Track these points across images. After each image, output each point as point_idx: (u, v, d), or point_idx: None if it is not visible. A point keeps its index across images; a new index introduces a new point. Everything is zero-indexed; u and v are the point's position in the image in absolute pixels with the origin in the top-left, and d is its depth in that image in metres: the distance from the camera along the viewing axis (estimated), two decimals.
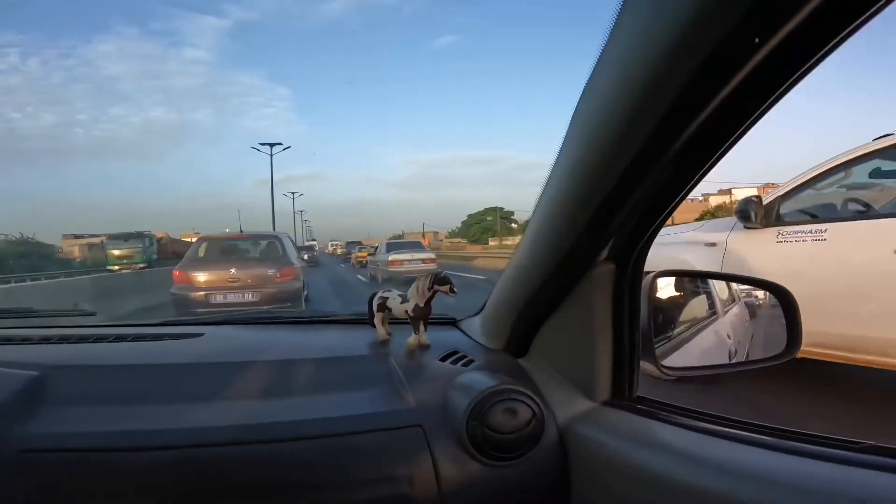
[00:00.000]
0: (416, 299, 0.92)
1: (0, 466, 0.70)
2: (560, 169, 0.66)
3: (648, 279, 0.82)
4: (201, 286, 6.42)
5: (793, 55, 0.40)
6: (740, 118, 0.48)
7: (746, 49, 0.40)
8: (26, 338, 1.05)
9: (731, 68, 0.42)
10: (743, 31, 0.38)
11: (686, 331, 1.00)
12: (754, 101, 0.45)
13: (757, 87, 0.44)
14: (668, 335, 0.91)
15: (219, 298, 6.37)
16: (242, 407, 0.80)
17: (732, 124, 0.49)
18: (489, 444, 0.71)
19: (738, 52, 0.40)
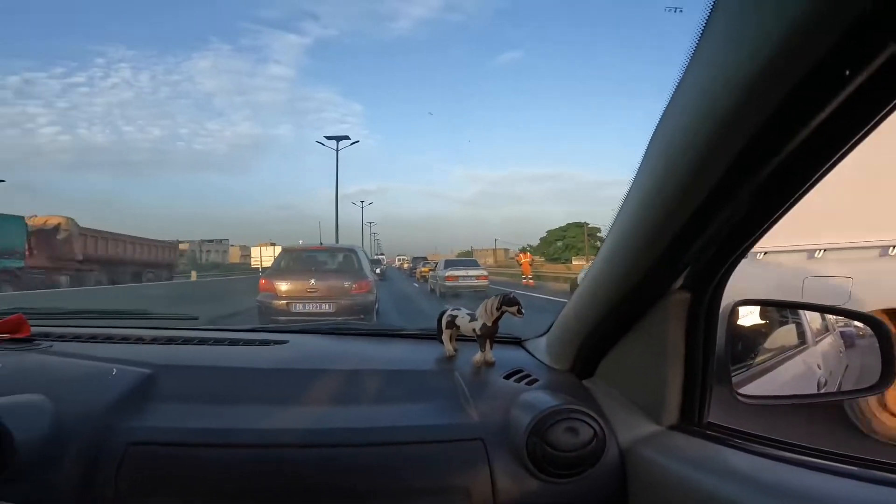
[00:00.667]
0: (484, 319, 0.95)
1: (110, 457, 0.76)
2: (635, 195, 0.65)
3: (728, 307, 0.82)
4: (283, 295, 6.81)
5: (881, 90, 0.39)
6: (828, 152, 0.46)
7: (834, 82, 0.39)
8: (140, 337, 1.15)
9: (817, 102, 0.41)
10: (830, 64, 0.37)
11: (770, 359, 0.97)
12: (843, 133, 0.44)
13: (846, 119, 0.42)
14: (748, 363, 0.88)
15: (298, 307, 6.75)
16: (319, 411, 0.85)
17: (819, 159, 0.47)
18: (548, 461, 0.73)
19: (824, 85, 0.39)
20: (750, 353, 0.91)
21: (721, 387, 0.77)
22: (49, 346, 1.05)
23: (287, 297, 6.82)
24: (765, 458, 0.63)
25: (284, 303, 6.78)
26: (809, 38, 0.37)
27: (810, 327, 1.08)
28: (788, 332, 1.06)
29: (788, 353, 1.03)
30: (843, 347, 1.07)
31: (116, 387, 0.86)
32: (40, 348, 1.04)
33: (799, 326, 1.07)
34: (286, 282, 6.90)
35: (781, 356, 1.01)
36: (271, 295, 6.82)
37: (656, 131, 0.58)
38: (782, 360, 1.00)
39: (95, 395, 0.83)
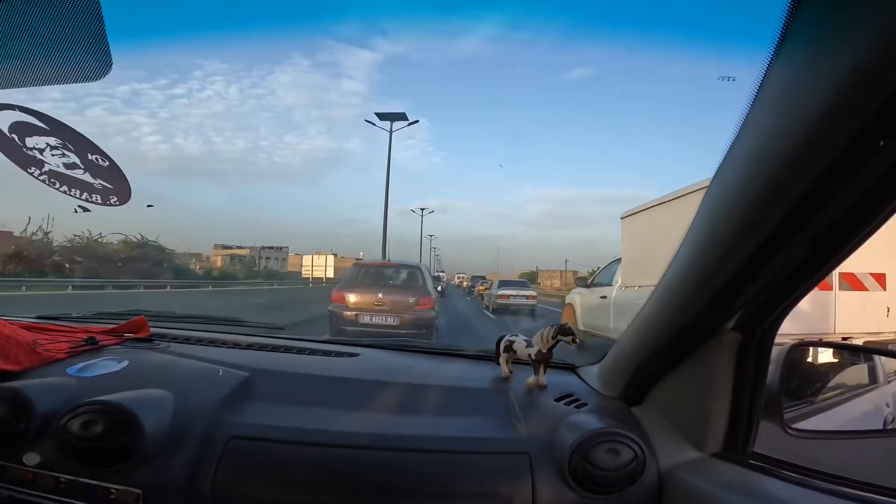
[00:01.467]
0: (539, 345, 1.01)
1: (214, 449, 0.84)
2: (692, 238, 0.67)
3: (786, 346, 0.88)
4: (353, 306, 7.19)
5: None
6: (881, 203, 0.48)
7: (869, 151, 0.42)
8: (237, 343, 1.27)
9: (855, 168, 0.44)
10: (872, 131, 0.40)
11: (834, 396, 1.00)
12: (883, 193, 0.46)
13: (886, 181, 0.45)
14: (807, 399, 0.92)
15: (366, 319, 7.10)
16: (385, 419, 0.93)
17: (872, 208, 0.48)
18: (587, 478, 0.78)
19: (861, 154, 0.42)
20: (809, 391, 0.95)
21: (771, 420, 0.80)
22: (167, 347, 1.19)
23: (356, 308, 7.18)
24: (809, 489, 0.64)
25: (353, 314, 7.14)
26: (851, 105, 0.40)
27: (883, 368, 1.09)
28: (859, 370, 1.07)
29: (855, 391, 1.05)
30: None
31: (223, 386, 0.97)
32: (159, 348, 1.18)
33: (871, 366, 1.09)
34: (356, 294, 7.28)
35: (847, 394, 1.03)
36: (342, 306, 7.21)
37: (712, 183, 0.61)
38: (847, 398, 1.02)
39: (207, 393, 0.94)
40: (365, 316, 7.11)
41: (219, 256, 44.82)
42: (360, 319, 7.10)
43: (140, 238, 23.06)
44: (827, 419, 0.95)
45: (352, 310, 7.15)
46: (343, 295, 7.28)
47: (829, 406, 0.97)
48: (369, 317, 7.11)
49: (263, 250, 65.38)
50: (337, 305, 7.24)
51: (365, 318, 7.10)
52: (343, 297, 7.26)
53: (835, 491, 0.63)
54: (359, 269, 8.18)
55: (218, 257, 44.42)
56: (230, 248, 51.51)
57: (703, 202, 0.64)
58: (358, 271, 8.09)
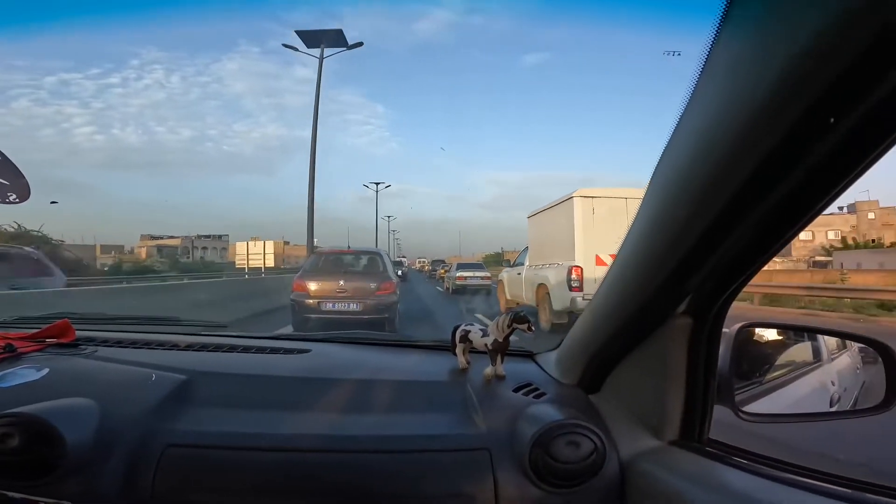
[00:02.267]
0: (495, 334, 0.99)
1: (149, 458, 0.81)
2: (641, 221, 0.67)
3: (735, 328, 0.86)
4: (314, 294, 7.31)
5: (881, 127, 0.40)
6: (823, 188, 0.47)
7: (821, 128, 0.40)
8: (175, 344, 1.21)
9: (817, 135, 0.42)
10: (818, 111, 0.39)
11: (781, 377, 1.00)
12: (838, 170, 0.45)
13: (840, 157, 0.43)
14: (756, 381, 0.92)
15: (328, 306, 7.26)
16: (337, 419, 0.90)
17: (815, 194, 0.48)
18: (549, 472, 0.77)
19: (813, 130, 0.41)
20: (758, 372, 0.94)
21: (724, 404, 0.79)
22: (94, 351, 1.12)
23: (318, 296, 7.30)
24: (760, 477, 0.65)
25: (315, 301, 7.28)
26: (802, 81, 0.39)
27: (826, 346, 1.10)
28: (803, 349, 1.08)
29: (801, 370, 1.05)
30: (860, 363, 1.08)
31: (157, 391, 0.92)
32: (85, 353, 1.11)
33: (815, 345, 1.09)
34: (317, 282, 7.39)
35: (793, 374, 1.03)
36: (304, 294, 7.33)
37: (658, 165, 0.60)
38: (794, 378, 1.02)
39: (138, 399, 0.89)
40: (327, 303, 7.26)
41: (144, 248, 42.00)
42: (323, 307, 7.24)
43: (17, 228, 19.28)
44: (776, 400, 0.96)
45: (314, 298, 7.27)
46: (304, 283, 7.39)
47: (778, 387, 0.98)
48: (332, 304, 7.26)
49: (199, 239, 60.99)
50: (299, 294, 7.37)
51: (327, 306, 7.25)
52: (304, 286, 7.36)
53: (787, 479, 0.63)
54: (318, 258, 8.27)
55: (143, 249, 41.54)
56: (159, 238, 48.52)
57: (651, 183, 0.62)
58: (318, 259, 8.18)
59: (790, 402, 1.02)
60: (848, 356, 1.11)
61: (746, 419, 0.82)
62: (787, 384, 1.00)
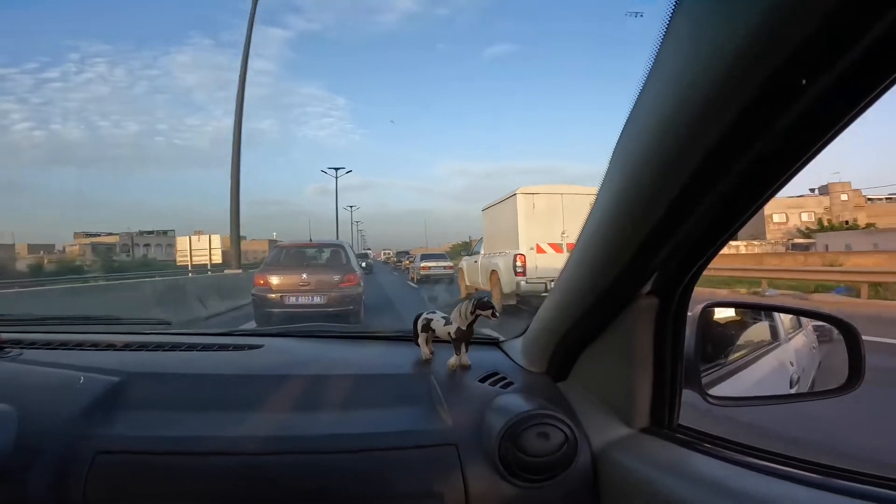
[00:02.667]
0: (458, 322, 0.95)
1: (78, 466, 0.76)
2: (602, 202, 0.65)
3: (698, 309, 0.83)
4: (277, 288, 7.21)
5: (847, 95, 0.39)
6: (788, 160, 0.46)
7: (790, 92, 0.39)
8: (111, 343, 1.13)
9: (774, 112, 0.41)
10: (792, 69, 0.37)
11: (742, 358, 0.98)
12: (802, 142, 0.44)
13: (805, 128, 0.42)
14: (720, 363, 0.89)
15: (291, 300, 7.15)
16: (293, 418, 0.84)
17: (781, 166, 0.47)
18: (520, 466, 0.74)
19: (781, 95, 0.39)
20: (721, 354, 0.92)
21: (691, 388, 0.77)
22: (19, 354, 1.04)
23: (280, 290, 7.20)
24: (729, 463, 0.64)
25: (278, 296, 7.15)
26: (767, 45, 0.37)
27: (783, 325, 1.10)
28: (761, 329, 1.07)
29: (761, 350, 1.04)
30: (816, 342, 1.08)
31: (85, 395, 0.86)
32: (9, 356, 1.03)
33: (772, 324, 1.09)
34: (279, 276, 7.30)
35: (754, 354, 1.02)
36: (266, 289, 7.22)
37: (619, 140, 0.58)
38: (755, 359, 1.01)
39: (64, 404, 0.83)
40: (290, 297, 7.16)
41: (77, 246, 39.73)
42: (286, 301, 7.14)
43: None
44: (739, 382, 0.95)
45: (276, 292, 7.16)
46: (266, 278, 7.29)
47: (739, 368, 0.98)
48: (295, 297, 7.16)
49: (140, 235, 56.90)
50: (260, 289, 7.26)
51: (291, 300, 7.15)
52: (266, 280, 7.27)
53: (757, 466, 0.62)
54: (280, 251, 8.17)
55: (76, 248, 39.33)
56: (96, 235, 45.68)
57: (613, 160, 0.60)
58: (279, 253, 8.07)
59: (752, 383, 1.00)
60: (803, 335, 1.12)
61: (714, 403, 0.80)
62: (747, 365, 0.99)
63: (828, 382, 0.95)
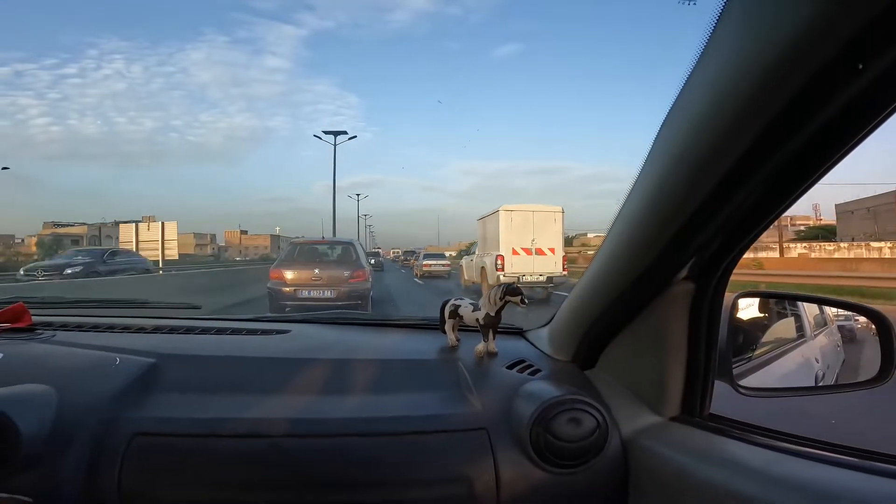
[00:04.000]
0: (487, 308, 0.94)
1: (115, 447, 0.75)
2: (643, 184, 0.64)
3: (730, 299, 0.82)
4: (291, 282, 7.72)
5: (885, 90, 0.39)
6: (838, 143, 0.46)
7: (847, 75, 0.39)
8: (142, 327, 1.13)
9: (829, 94, 0.41)
10: (846, 57, 0.37)
11: (769, 351, 0.98)
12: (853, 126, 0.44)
13: (855, 113, 0.42)
14: (748, 355, 0.90)
15: (304, 293, 7.66)
16: (323, 401, 0.84)
17: (830, 149, 0.47)
18: (551, 451, 0.73)
19: (838, 77, 0.39)
20: (750, 346, 0.92)
21: (722, 379, 0.77)
22: (52, 336, 1.04)
23: (294, 284, 7.72)
24: (765, 449, 0.63)
25: (292, 289, 7.68)
26: (827, 29, 0.37)
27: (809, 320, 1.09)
28: (787, 324, 1.06)
29: (787, 345, 1.04)
30: (840, 341, 1.07)
31: (120, 376, 0.85)
32: (42, 338, 1.02)
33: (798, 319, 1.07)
34: (293, 271, 7.83)
35: (781, 349, 1.02)
36: (280, 282, 7.74)
37: (665, 123, 0.58)
38: (781, 353, 1.01)
39: (100, 385, 0.83)
40: (303, 290, 7.66)
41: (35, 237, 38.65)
42: (299, 294, 7.65)
43: None
44: (766, 375, 0.95)
45: (290, 286, 7.69)
46: (281, 272, 7.83)
47: (767, 361, 0.98)
48: (307, 291, 7.66)
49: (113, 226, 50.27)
50: (275, 282, 7.77)
51: (303, 293, 7.65)
52: (281, 274, 7.79)
53: (791, 450, 0.62)
54: (294, 247, 8.77)
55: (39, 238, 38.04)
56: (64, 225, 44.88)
57: (656, 142, 0.60)
58: (294, 249, 8.68)
59: (778, 377, 1.00)
60: (828, 333, 1.10)
61: (745, 394, 0.80)
62: (774, 359, 0.98)
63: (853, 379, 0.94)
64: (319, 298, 7.63)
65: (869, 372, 0.87)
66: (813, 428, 0.71)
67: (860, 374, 0.92)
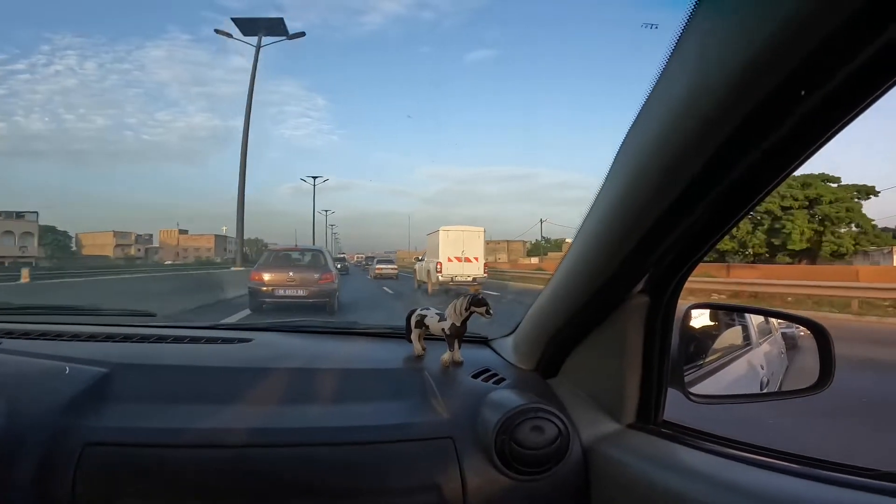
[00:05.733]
0: (453, 318, 0.95)
1: (66, 458, 0.73)
2: (603, 202, 0.67)
3: (682, 310, 0.86)
4: (268, 283, 8.93)
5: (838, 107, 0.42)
6: (785, 162, 0.49)
7: (794, 100, 0.41)
8: (93, 335, 1.09)
9: (778, 117, 0.43)
10: (792, 83, 0.40)
11: (718, 359, 1.02)
12: (799, 145, 0.47)
13: (803, 133, 0.45)
14: (699, 363, 0.93)
15: (280, 292, 8.89)
16: (286, 411, 0.83)
17: (778, 168, 0.50)
18: (515, 459, 0.75)
19: (786, 102, 0.42)
20: (700, 354, 0.96)
21: (674, 386, 0.80)
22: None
23: (271, 284, 8.95)
24: (715, 456, 0.66)
25: (270, 288, 8.92)
26: (773, 58, 0.39)
27: (755, 329, 1.14)
28: (735, 333, 1.11)
29: (735, 353, 1.09)
30: (784, 348, 1.13)
31: (71, 386, 0.83)
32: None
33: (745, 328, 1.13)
34: (270, 273, 9.08)
35: (729, 357, 1.07)
36: (260, 283, 8.97)
37: (625, 143, 0.60)
38: (729, 361, 1.05)
39: (49, 395, 0.80)
40: (279, 290, 8.91)
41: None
42: (276, 293, 8.90)
43: None
44: (715, 382, 0.99)
45: (268, 286, 8.92)
46: (260, 274, 9.08)
47: (716, 369, 1.01)
48: (283, 290, 8.91)
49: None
50: (255, 283, 9.01)
51: (280, 292, 8.90)
52: (260, 276, 9.04)
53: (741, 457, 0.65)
54: (271, 254, 10.39)
55: None
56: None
57: (616, 160, 0.62)
58: (270, 255, 10.23)
59: (727, 383, 1.05)
60: (773, 341, 1.16)
61: (696, 401, 0.83)
62: (722, 367, 1.03)
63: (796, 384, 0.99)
64: (293, 296, 8.87)
65: (810, 379, 0.92)
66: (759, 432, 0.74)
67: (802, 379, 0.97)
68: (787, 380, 1.08)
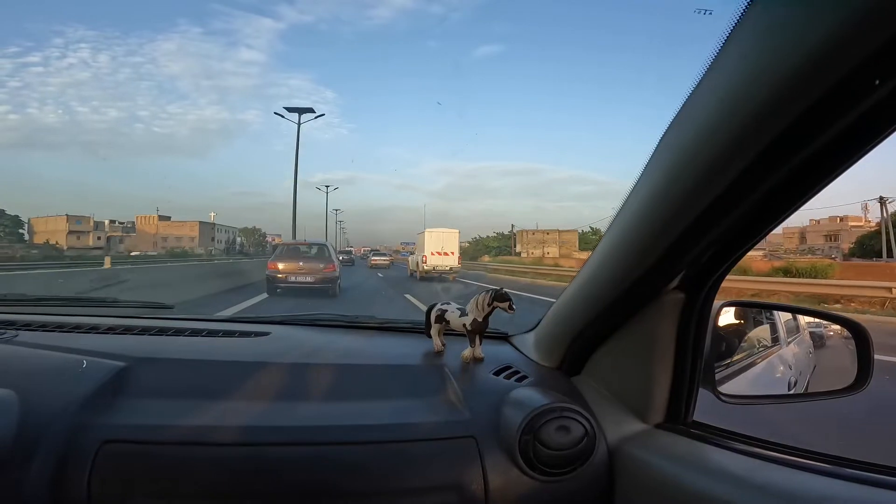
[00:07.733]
0: (475, 314, 0.94)
1: (83, 455, 0.72)
2: (639, 196, 0.65)
3: (714, 308, 0.84)
4: (282, 271, 10.97)
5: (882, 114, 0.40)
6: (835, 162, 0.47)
7: (858, 94, 0.39)
8: (111, 327, 1.09)
9: (835, 114, 0.42)
10: (858, 77, 0.38)
11: (746, 358, 1.00)
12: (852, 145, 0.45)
13: (857, 132, 0.43)
14: (727, 362, 0.90)
15: (291, 279, 10.88)
16: (304, 407, 0.82)
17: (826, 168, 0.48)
18: (539, 459, 0.73)
19: (846, 98, 0.40)
20: (730, 353, 0.93)
21: (705, 386, 0.78)
22: (14, 336, 0.99)
23: (284, 272, 10.98)
24: (746, 457, 0.65)
25: (283, 276, 10.96)
26: (835, 55, 0.37)
27: (783, 328, 1.12)
28: (764, 331, 1.09)
29: (763, 353, 1.06)
30: (811, 348, 1.10)
31: (89, 380, 0.81)
32: (4, 337, 0.98)
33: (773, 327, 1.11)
34: (283, 263, 11.13)
35: (757, 356, 1.04)
36: (275, 271, 11.02)
37: (664, 138, 0.59)
38: (757, 360, 1.03)
39: (66, 390, 0.79)
40: (291, 276, 10.95)
41: None
42: (289, 279, 10.94)
43: None
44: (743, 381, 0.96)
45: (282, 273, 10.98)
46: (276, 264, 11.15)
47: (744, 368, 0.98)
48: (294, 277, 10.94)
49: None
50: (272, 271, 11.09)
51: (291, 278, 10.93)
52: (276, 266, 11.11)
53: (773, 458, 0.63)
54: (283, 247, 12.55)
55: None
56: None
57: (654, 157, 0.60)
58: (283, 248, 12.37)
59: (756, 384, 1.02)
60: (801, 340, 1.13)
61: (726, 401, 0.80)
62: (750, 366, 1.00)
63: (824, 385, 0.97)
64: (303, 282, 10.88)
65: (844, 380, 0.89)
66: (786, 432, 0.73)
67: (832, 380, 0.95)
68: (815, 380, 1.06)
